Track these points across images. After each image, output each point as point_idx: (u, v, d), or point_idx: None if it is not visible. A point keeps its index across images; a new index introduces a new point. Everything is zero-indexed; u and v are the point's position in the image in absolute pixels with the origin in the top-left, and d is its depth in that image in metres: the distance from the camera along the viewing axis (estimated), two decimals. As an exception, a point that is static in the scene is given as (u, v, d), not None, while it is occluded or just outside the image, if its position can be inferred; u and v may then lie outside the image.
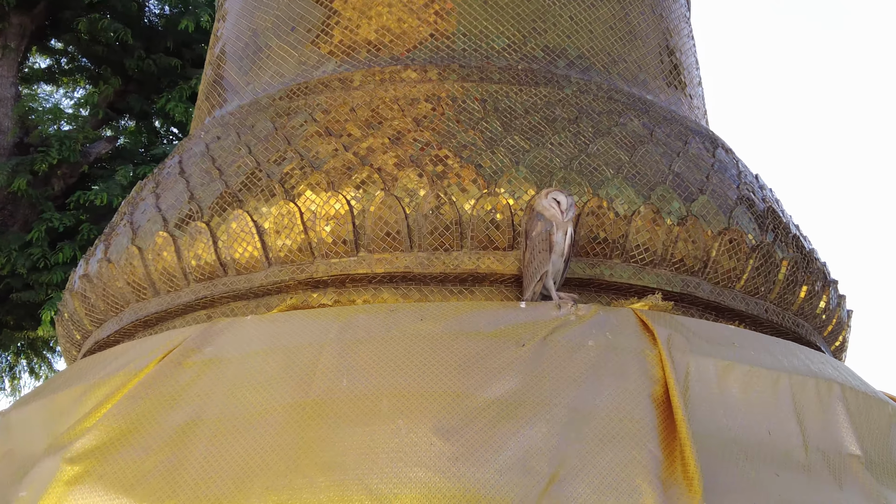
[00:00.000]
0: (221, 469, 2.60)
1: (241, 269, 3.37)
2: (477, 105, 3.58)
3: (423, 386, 2.69)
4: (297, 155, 3.48)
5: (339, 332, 2.89)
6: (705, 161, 3.71)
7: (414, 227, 3.24)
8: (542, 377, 2.74)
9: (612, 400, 2.72)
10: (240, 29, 4.41)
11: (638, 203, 3.33)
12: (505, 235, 3.23)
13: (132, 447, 2.67)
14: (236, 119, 3.92)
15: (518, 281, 3.24)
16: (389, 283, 3.28)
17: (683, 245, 3.35)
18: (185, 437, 2.71)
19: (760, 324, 3.55)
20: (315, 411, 2.67)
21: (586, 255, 3.29)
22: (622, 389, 2.75)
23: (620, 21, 4.20)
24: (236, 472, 2.58)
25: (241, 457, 2.62)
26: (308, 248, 3.29)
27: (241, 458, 2.62)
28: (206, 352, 2.97)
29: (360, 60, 3.92)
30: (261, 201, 3.38)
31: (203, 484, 2.53)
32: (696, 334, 3.04)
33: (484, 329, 2.87)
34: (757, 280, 3.51)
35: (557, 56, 3.96)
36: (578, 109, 3.66)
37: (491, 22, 3.96)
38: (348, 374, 2.75)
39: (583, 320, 2.96)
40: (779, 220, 3.74)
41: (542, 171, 3.34)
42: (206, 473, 2.61)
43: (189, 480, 2.59)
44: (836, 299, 3.89)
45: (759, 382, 2.97)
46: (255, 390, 2.78)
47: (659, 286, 3.31)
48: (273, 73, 4.10)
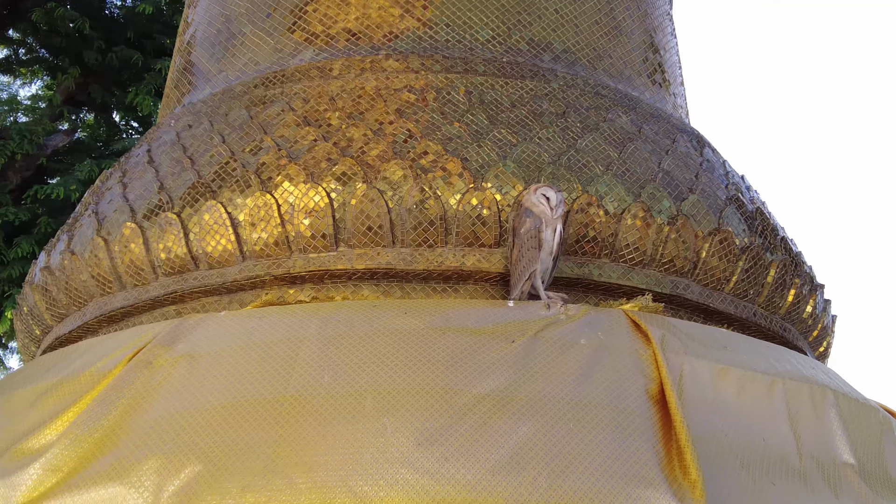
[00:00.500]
0: (190, 465, 2.46)
1: (214, 263, 3.22)
2: (462, 97, 3.46)
3: (409, 383, 2.56)
4: (273, 145, 3.33)
5: (319, 327, 2.75)
6: (693, 160, 3.62)
7: (397, 221, 3.10)
8: (534, 373, 2.62)
9: (609, 394, 2.62)
10: (212, 15, 4.25)
11: (628, 201, 3.23)
12: (491, 232, 3.11)
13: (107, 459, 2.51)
14: (208, 107, 3.76)
15: (504, 279, 3.12)
16: (370, 279, 3.14)
17: (674, 245, 3.25)
18: (154, 434, 2.55)
19: (748, 327, 3.47)
20: (294, 408, 2.53)
21: (574, 253, 3.18)
22: (618, 385, 2.66)
23: (606, 16, 4.10)
24: (210, 471, 2.44)
25: (212, 452, 2.47)
26: (285, 241, 3.15)
27: (212, 453, 2.47)
28: (177, 349, 2.82)
29: (338, 49, 3.78)
30: (235, 192, 3.23)
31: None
32: (689, 336, 2.94)
33: (471, 326, 2.75)
34: (746, 282, 3.42)
35: (542, 50, 3.85)
36: (566, 104, 3.55)
37: (475, 13, 3.84)
38: (330, 370, 2.61)
39: (573, 320, 2.85)
40: (767, 221, 3.66)
41: (530, 166, 3.22)
42: (174, 469, 2.46)
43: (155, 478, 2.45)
44: (823, 304, 3.82)
45: (754, 387, 2.89)
46: (229, 386, 2.64)
47: (648, 287, 3.21)
48: (247, 60, 3.94)
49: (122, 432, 2.61)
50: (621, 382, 2.67)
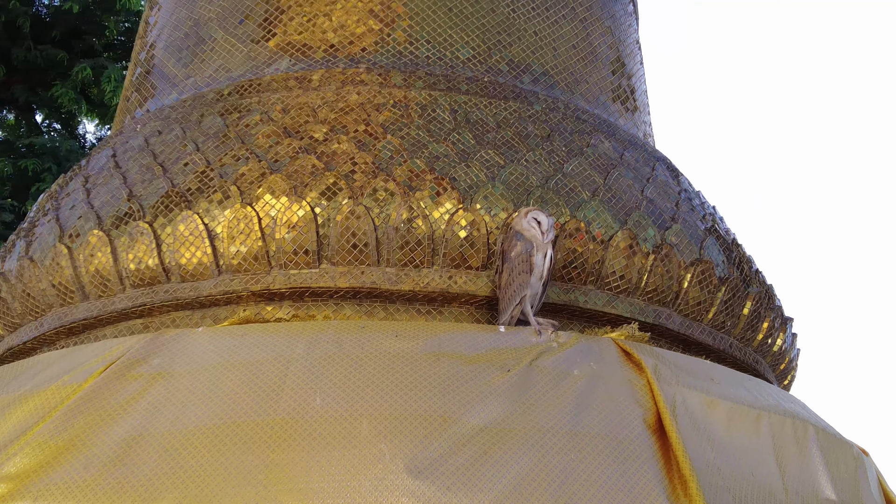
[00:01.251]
0: (175, 489, 2.33)
1: (187, 276, 3.07)
2: (447, 115, 3.39)
3: (405, 408, 2.47)
4: (252, 155, 3.21)
5: (307, 348, 2.64)
6: (673, 189, 3.62)
7: (383, 239, 3.01)
8: (531, 404, 2.57)
9: (608, 425, 2.58)
10: (179, 18, 4.10)
11: (615, 228, 3.19)
12: (479, 254, 3.03)
13: (71, 464, 2.38)
14: (178, 113, 3.61)
15: (490, 303, 3.05)
16: (353, 298, 3.03)
17: (658, 274, 3.23)
18: (131, 452, 2.41)
19: (723, 359, 3.46)
20: (285, 431, 2.42)
21: (560, 279, 3.13)
22: (616, 415, 2.62)
23: (582, 41, 4.09)
24: (194, 492, 2.30)
25: (198, 476, 2.34)
26: (265, 256, 3.02)
27: (198, 477, 2.34)
28: (152, 364, 2.68)
29: (316, 60, 3.67)
30: (213, 203, 3.09)
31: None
32: (679, 367, 2.92)
33: (465, 352, 2.68)
34: (724, 314, 3.42)
35: (522, 71, 3.81)
36: (550, 127, 3.51)
37: (455, 31, 3.78)
38: (321, 393, 2.50)
39: (564, 348, 2.80)
40: (742, 253, 3.68)
41: (519, 189, 3.16)
42: (157, 493, 2.33)
43: (137, 501, 2.31)
44: (791, 338, 3.85)
45: (742, 420, 2.88)
46: (213, 406, 2.51)
47: (632, 315, 3.18)
48: (218, 66, 3.81)
49: (89, 443, 2.46)
50: (619, 413, 2.63)
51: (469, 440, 2.42)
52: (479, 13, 3.84)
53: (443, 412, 2.47)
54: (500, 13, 3.88)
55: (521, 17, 3.92)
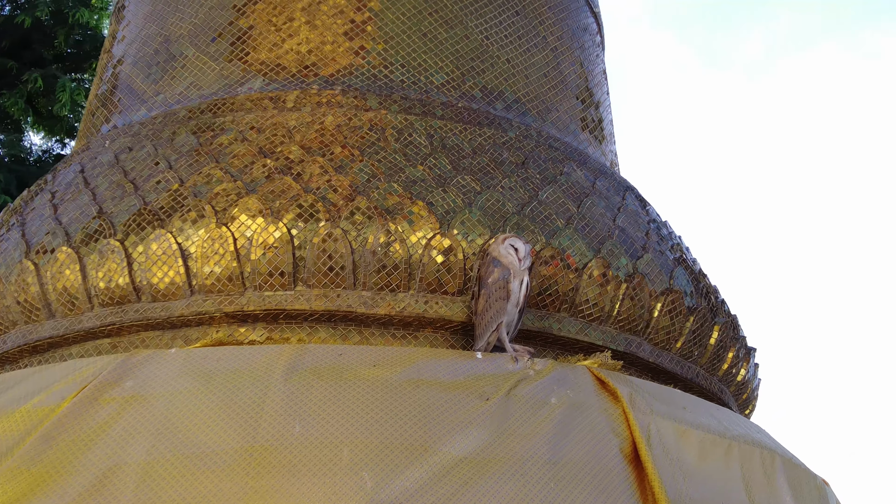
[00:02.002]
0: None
1: (159, 296, 3.02)
2: (424, 140, 3.39)
3: (385, 437, 2.45)
4: (227, 175, 3.17)
5: (285, 374, 2.61)
6: (642, 218, 3.66)
7: (360, 263, 2.99)
8: (511, 433, 2.57)
9: (587, 455, 2.60)
10: (148, 33, 4.05)
11: (589, 256, 3.22)
12: (456, 280, 3.03)
13: (48, 497, 2.29)
14: (149, 130, 3.56)
15: (465, 329, 3.04)
16: (328, 321, 3.01)
17: (630, 303, 3.25)
18: (108, 482, 2.35)
19: (690, 388, 3.49)
20: (265, 458, 2.38)
21: (535, 306, 3.14)
22: (593, 445, 2.64)
23: (553, 69, 4.13)
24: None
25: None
26: (239, 277, 2.99)
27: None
28: (125, 387, 2.62)
29: (290, 80, 3.65)
30: (187, 222, 3.05)
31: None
32: (652, 395, 2.94)
33: (444, 378, 2.67)
34: (692, 343, 3.46)
35: (495, 98, 3.83)
36: (524, 154, 3.53)
37: (430, 55, 3.80)
38: (301, 420, 2.47)
39: (541, 376, 2.81)
40: (709, 283, 3.73)
41: (496, 215, 3.17)
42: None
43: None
44: (754, 368, 3.91)
45: (713, 450, 2.90)
46: (190, 432, 2.46)
47: (604, 343, 3.20)
48: (189, 83, 3.77)
49: (64, 472, 2.39)
50: (596, 443, 2.64)
51: (451, 470, 2.41)
52: (452, 39, 3.86)
53: (424, 441, 2.46)
54: (473, 40, 3.91)
55: (494, 45, 3.95)
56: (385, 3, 3.84)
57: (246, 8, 3.86)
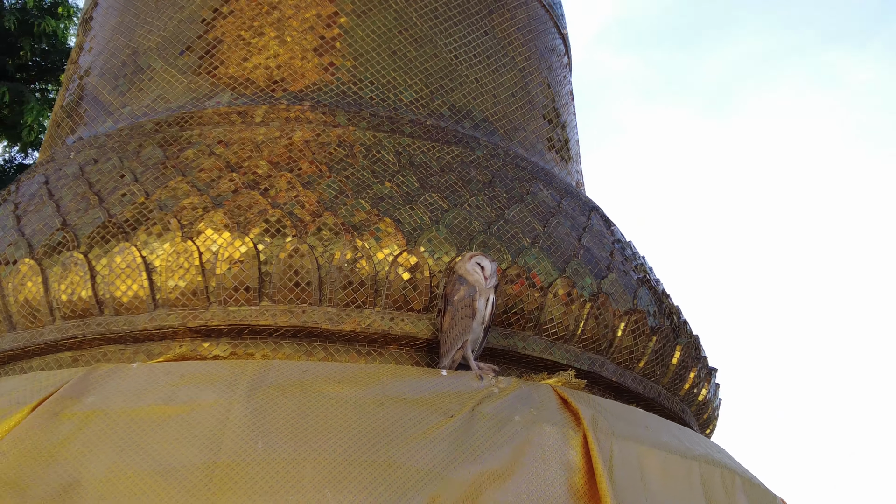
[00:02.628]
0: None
1: (122, 310, 3.00)
2: (392, 157, 3.40)
3: (349, 454, 2.44)
4: (194, 189, 3.16)
5: (249, 391, 2.59)
6: (607, 238, 3.69)
7: (326, 279, 2.99)
8: (474, 451, 2.56)
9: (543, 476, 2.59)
10: (116, 45, 4.03)
11: (554, 275, 3.24)
12: (422, 297, 3.04)
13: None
14: (115, 142, 3.54)
15: (431, 346, 3.05)
16: (293, 337, 3.00)
17: (594, 322, 3.28)
18: (67, 498, 2.32)
19: (652, 408, 3.52)
20: (227, 476, 2.36)
21: (500, 324, 3.15)
22: (551, 468, 2.62)
23: (521, 90, 4.16)
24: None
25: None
26: (204, 292, 2.97)
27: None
28: (86, 402, 2.59)
29: (259, 95, 3.65)
30: (152, 236, 3.03)
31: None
32: (615, 415, 2.95)
33: (408, 396, 2.66)
34: (654, 363, 3.49)
35: (464, 116, 3.85)
36: (492, 173, 3.55)
37: (399, 73, 3.81)
38: (264, 437, 2.46)
39: (506, 393, 2.81)
40: (671, 304, 3.76)
41: (462, 233, 3.19)
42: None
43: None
44: (715, 388, 3.95)
45: (676, 470, 2.92)
46: (151, 448, 2.43)
47: (568, 362, 3.22)
48: (157, 96, 3.75)
49: (23, 486, 2.36)
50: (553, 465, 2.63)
51: (413, 486, 2.41)
52: (422, 57, 3.89)
53: (388, 458, 2.45)
54: (442, 58, 3.93)
55: (462, 64, 3.98)
56: (355, 21, 3.86)
57: (215, 22, 3.86)
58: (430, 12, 4.00)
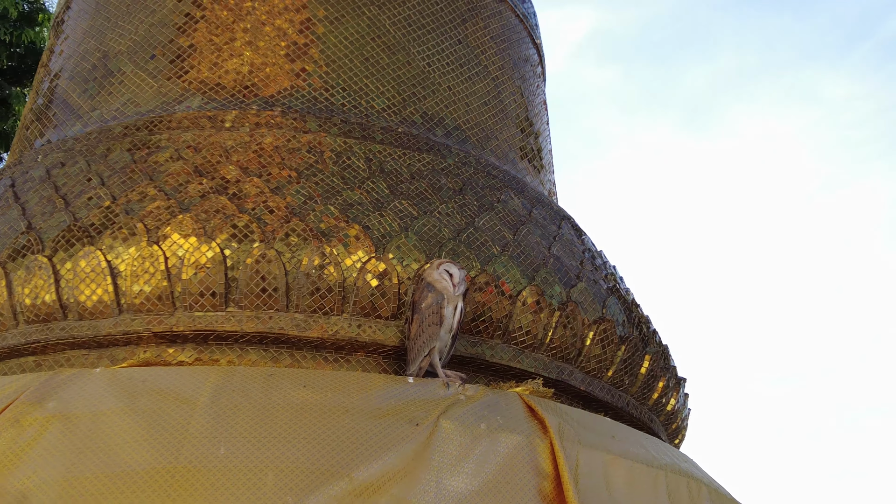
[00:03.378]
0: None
1: (86, 314, 2.97)
2: (362, 163, 3.39)
3: (312, 462, 2.43)
4: (161, 193, 3.14)
5: (213, 395, 2.58)
6: (577, 247, 3.70)
7: (293, 285, 2.97)
8: (439, 461, 2.55)
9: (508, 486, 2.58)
10: (87, 48, 4.01)
11: (524, 283, 3.23)
12: (390, 304, 3.03)
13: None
14: (83, 145, 3.51)
15: (398, 353, 3.04)
16: (259, 343, 2.98)
17: (562, 331, 3.27)
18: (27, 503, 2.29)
19: (621, 417, 3.52)
20: (188, 480, 2.35)
21: (468, 332, 3.14)
22: (513, 486, 2.61)
23: (494, 98, 4.17)
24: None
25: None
26: (169, 297, 2.95)
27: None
28: (48, 407, 2.56)
29: (229, 100, 3.63)
30: (117, 240, 3.01)
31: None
32: (581, 424, 2.95)
33: (374, 403, 2.65)
34: (623, 372, 3.49)
35: (436, 124, 3.85)
36: (462, 181, 3.55)
37: (371, 80, 3.81)
38: (226, 442, 2.44)
39: (472, 401, 2.80)
40: (641, 313, 3.77)
41: (431, 241, 3.18)
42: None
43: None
44: (683, 397, 3.95)
45: (641, 479, 2.92)
46: (112, 451, 2.41)
47: (537, 371, 3.21)
48: (126, 100, 3.73)
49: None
50: (519, 474, 2.62)
51: (375, 492, 2.39)
52: (394, 65, 3.88)
53: (351, 466, 2.44)
54: (415, 66, 3.93)
55: (435, 72, 3.98)
56: (328, 27, 3.85)
57: (187, 26, 3.84)
58: (403, 20, 4.00)
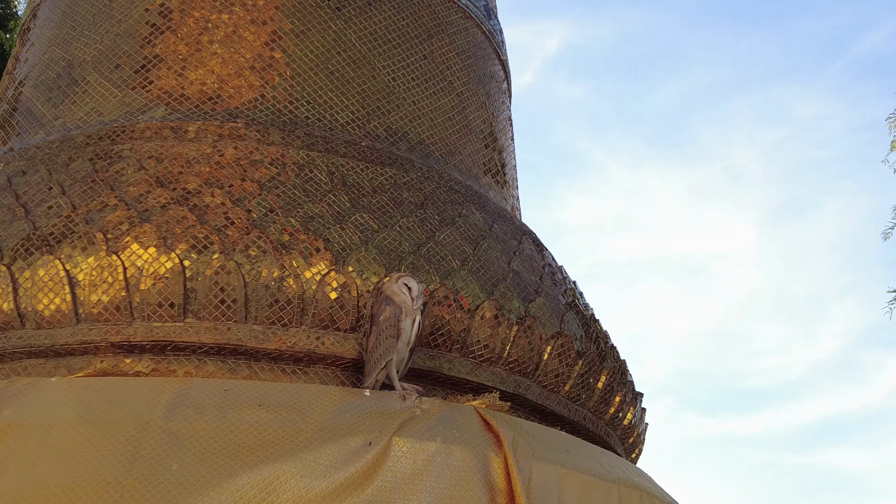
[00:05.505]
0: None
1: (43, 323, 2.96)
2: (324, 176, 3.42)
3: (263, 486, 2.43)
4: (122, 203, 3.14)
5: (168, 409, 2.58)
6: (537, 262, 3.74)
7: (252, 297, 2.99)
8: (389, 483, 2.57)
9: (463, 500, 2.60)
10: (52, 57, 4.01)
11: (482, 298, 3.27)
12: (349, 316, 3.05)
13: None
14: (45, 154, 3.51)
15: (357, 366, 3.06)
16: (217, 354, 2.99)
17: (520, 345, 3.31)
18: (-26, 516, 2.29)
19: (578, 431, 3.56)
20: (139, 494, 2.35)
21: (427, 346, 3.17)
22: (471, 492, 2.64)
23: (458, 113, 4.21)
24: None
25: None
26: (127, 307, 2.95)
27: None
28: (3, 416, 2.56)
29: (193, 111, 3.65)
30: (76, 249, 3.01)
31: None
32: (536, 438, 2.98)
33: (329, 421, 2.66)
34: (580, 387, 3.53)
35: (399, 139, 3.89)
36: (424, 195, 3.58)
37: (336, 94, 3.84)
38: (179, 459, 2.44)
39: (428, 415, 2.82)
40: (599, 329, 3.81)
41: (391, 254, 3.21)
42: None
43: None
44: (640, 412, 4.00)
45: (594, 493, 2.95)
46: (63, 463, 2.41)
47: (494, 384, 3.24)
48: (90, 109, 3.74)
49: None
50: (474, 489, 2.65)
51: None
52: (360, 79, 3.92)
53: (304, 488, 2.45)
54: (380, 80, 3.97)
55: (400, 86, 4.01)
56: (294, 41, 3.88)
57: (153, 37, 3.85)
58: (369, 35, 4.04)
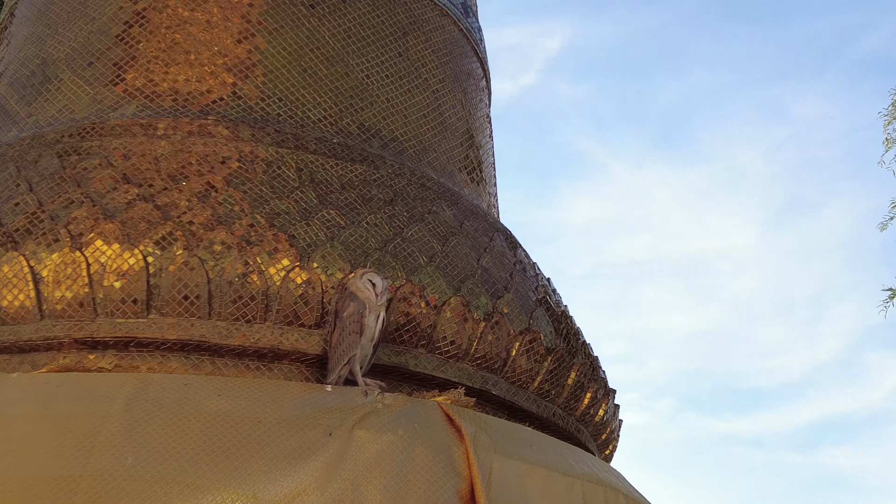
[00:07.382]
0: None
1: (7, 319, 2.97)
2: (292, 173, 3.42)
3: (220, 477, 2.44)
4: (87, 199, 3.15)
5: (126, 404, 2.59)
6: (508, 259, 3.74)
7: (216, 293, 2.99)
8: (353, 472, 2.57)
9: (424, 496, 2.60)
10: (26, 55, 4.02)
11: (449, 294, 3.27)
12: (313, 312, 3.05)
13: None
14: (15, 151, 3.52)
15: (321, 362, 3.06)
16: (180, 351, 2.99)
17: (487, 341, 3.31)
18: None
19: (547, 427, 3.57)
20: (94, 489, 2.36)
21: (392, 341, 3.17)
22: (432, 485, 2.64)
23: (433, 111, 4.21)
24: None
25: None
26: (91, 303, 2.96)
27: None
28: (-41, 411, 2.56)
29: (164, 108, 3.65)
30: (41, 246, 3.02)
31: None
32: (499, 433, 2.98)
33: (289, 413, 2.67)
34: (549, 383, 3.53)
35: (372, 136, 3.89)
36: (394, 192, 3.59)
37: (308, 91, 3.84)
38: (134, 452, 2.45)
39: (390, 410, 2.83)
40: (570, 325, 3.81)
41: (357, 251, 3.21)
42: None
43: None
44: (613, 409, 4.00)
45: (557, 488, 2.95)
46: (20, 458, 2.42)
47: (460, 380, 3.24)
48: (62, 107, 3.74)
49: None
50: (435, 483, 2.65)
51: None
52: (333, 76, 3.92)
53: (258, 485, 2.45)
54: (353, 78, 3.97)
55: (374, 84, 4.02)
56: (266, 37, 3.88)
57: (125, 34, 3.86)
58: (343, 32, 4.04)
